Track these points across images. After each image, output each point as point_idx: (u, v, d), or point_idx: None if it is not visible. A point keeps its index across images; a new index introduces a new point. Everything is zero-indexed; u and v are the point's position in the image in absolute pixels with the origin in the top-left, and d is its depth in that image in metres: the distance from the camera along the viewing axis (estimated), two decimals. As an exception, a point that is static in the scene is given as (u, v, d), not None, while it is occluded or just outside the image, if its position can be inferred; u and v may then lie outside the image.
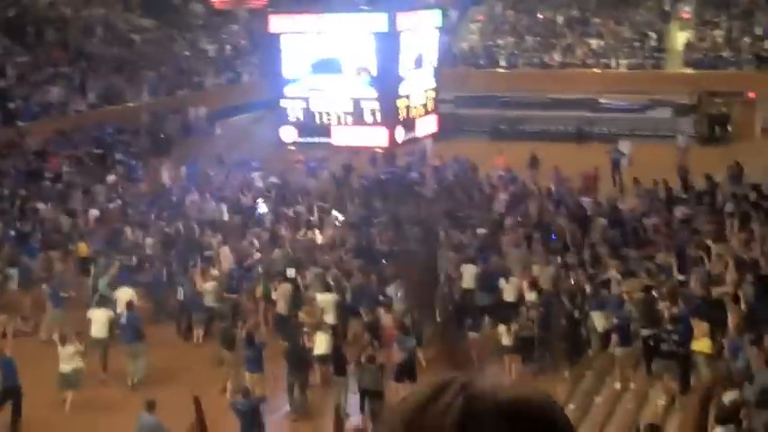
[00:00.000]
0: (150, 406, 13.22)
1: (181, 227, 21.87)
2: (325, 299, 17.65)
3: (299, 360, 15.63)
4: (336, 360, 15.72)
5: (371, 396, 14.88)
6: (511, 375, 16.21)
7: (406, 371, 15.36)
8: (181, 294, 18.75)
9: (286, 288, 18.32)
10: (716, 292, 16.33)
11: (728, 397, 12.86)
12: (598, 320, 16.47)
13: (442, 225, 21.76)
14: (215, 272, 19.23)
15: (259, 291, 18.80)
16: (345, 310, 17.82)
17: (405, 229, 21.41)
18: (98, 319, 16.55)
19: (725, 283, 16.62)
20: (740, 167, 25.71)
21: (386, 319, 17.13)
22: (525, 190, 25.49)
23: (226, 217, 23.76)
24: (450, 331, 17.59)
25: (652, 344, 15.08)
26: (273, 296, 18.37)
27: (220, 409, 14.30)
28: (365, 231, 21.81)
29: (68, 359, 15.26)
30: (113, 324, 16.54)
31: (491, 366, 16.68)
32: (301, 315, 17.37)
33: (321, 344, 15.96)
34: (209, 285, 18.59)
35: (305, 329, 16.64)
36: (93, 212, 24.09)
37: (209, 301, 18.39)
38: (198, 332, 18.40)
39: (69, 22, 36.62)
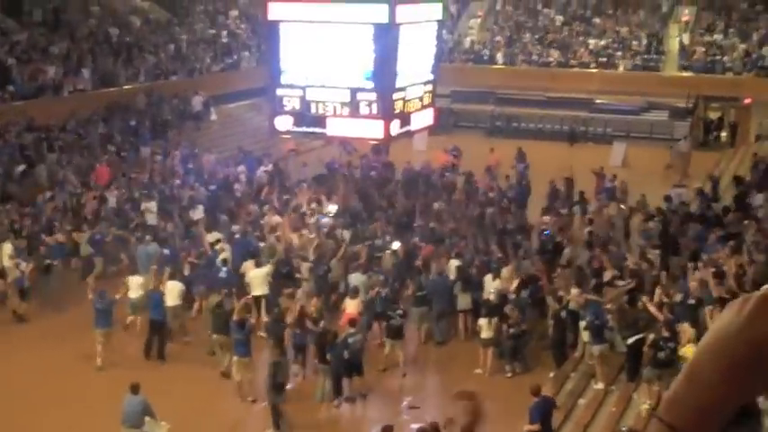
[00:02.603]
0: (135, 388, 13.39)
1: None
2: (255, 273, 18.23)
3: (280, 334, 15.97)
4: (320, 346, 15.70)
5: (358, 371, 15.43)
6: (487, 368, 16.51)
7: (352, 366, 15.52)
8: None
9: (258, 272, 18.40)
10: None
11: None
12: (584, 331, 16.38)
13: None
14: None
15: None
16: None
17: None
18: (171, 290, 17.63)
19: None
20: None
21: (350, 305, 17.23)
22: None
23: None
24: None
25: (648, 351, 14.94)
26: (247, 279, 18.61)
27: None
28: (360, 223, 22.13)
29: (136, 288, 17.80)
30: (183, 294, 17.91)
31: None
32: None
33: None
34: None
35: None
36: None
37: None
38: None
39: (68, 1, 36.41)
